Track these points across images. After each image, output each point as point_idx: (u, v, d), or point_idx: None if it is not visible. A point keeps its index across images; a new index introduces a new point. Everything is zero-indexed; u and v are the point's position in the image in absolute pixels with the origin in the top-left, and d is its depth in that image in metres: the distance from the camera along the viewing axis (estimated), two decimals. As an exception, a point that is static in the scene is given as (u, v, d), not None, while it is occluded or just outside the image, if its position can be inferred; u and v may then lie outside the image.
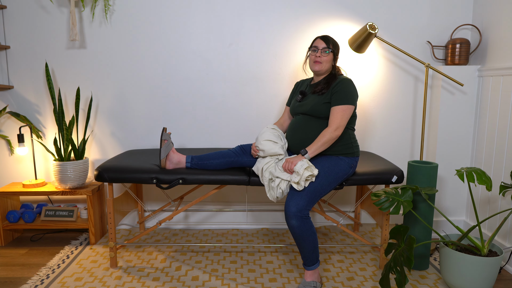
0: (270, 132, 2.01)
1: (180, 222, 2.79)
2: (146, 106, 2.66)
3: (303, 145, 1.96)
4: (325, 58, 1.97)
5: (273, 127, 2.06)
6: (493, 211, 2.34)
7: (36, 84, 2.62)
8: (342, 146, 1.94)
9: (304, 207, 1.78)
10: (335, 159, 1.92)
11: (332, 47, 1.97)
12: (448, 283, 1.93)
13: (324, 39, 1.98)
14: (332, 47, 1.97)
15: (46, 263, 2.24)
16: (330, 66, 2.00)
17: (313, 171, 1.79)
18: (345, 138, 1.95)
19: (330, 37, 1.99)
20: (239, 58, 2.61)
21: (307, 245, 1.82)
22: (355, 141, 1.99)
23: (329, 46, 1.97)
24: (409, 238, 1.70)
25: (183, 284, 2.00)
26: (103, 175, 2.02)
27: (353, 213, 2.83)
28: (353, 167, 1.97)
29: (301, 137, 1.96)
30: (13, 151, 2.69)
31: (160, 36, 2.58)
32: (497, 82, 2.30)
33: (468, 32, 2.60)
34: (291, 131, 2.04)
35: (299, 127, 1.99)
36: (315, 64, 1.98)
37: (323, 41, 1.97)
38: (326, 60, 1.97)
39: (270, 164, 1.95)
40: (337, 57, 2.02)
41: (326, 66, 1.99)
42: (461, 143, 2.57)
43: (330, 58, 1.98)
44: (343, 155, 1.95)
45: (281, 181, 1.86)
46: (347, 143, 1.95)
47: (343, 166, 1.92)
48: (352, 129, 2.00)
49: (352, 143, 1.97)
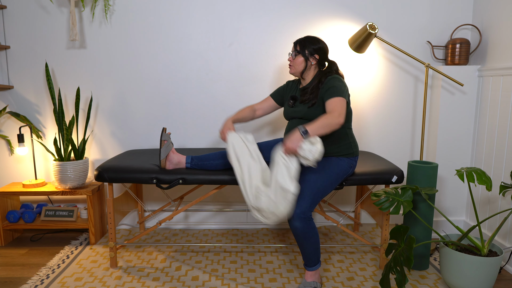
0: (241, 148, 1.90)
1: (180, 222, 2.79)
2: (146, 106, 2.66)
3: None
4: (295, 61, 1.97)
5: (237, 138, 1.94)
6: (493, 211, 2.34)
7: (36, 84, 2.62)
8: (342, 147, 1.94)
9: (307, 209, 1.77)
10: (336, 160, 1.93)
11: (299, 48, 1.95)
12: (448, 283, 1.93)
13: (294, 43, 2.00)
14: (300, 49, 1.95)
15: (46, 263, 2.24)
16: (303, 67, 1.96)
17: (318, 147, 1.69)
18: (344, 138, 1.95)
19: (301, 39, 1.98)
20: (239, 58, 2.61)
21: (309, 246, 1.82)
22: (353, 141, 1.99)
23: (296, 48, 1.97)
24: (409, 238, 1.70)
25: (183, 284, 2.00)
26: (103, 175, 2.02)
27: (353, 213, 2.83)
28: (352, 167, 1.98)
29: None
30: (13, 151, 2.69)
31: (160, 36, 2.58)
32: (497, 82, 2.30)
33: (468, 32, 2.60)
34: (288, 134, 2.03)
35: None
36: (289, 68, 2.01)
37: (293, 45, 2.00)
38: (296, 63, 1.97)
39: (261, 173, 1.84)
40: (316, 56, 1.95)
41: (299, 68, 1.97)
42: (461, 143, 2.57)
43: (300, 60, 1.96)
44: (343, 155, 1.94)
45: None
46: (346, 143, 1.95)
47: (343, 166, 1.93)
48: (349, 128, 1.99)
49: (351, 143, 1.97)
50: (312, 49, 1.95)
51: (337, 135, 1.93)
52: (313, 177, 1.84)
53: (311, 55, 1.95)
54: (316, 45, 1.96)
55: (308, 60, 1.95)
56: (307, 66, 1.97)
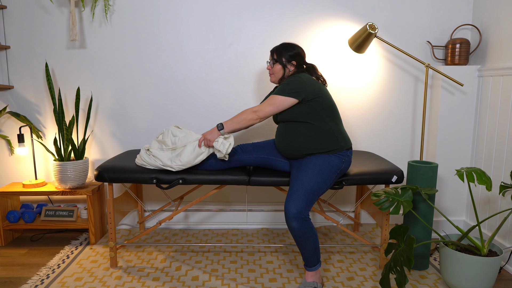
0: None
1: (180, 222, 2.79)
2: (146, 106, 2.66)
3: (289, 150, 1.95)
4: (274, 69, 2.01)
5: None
6: (493, 211, 2.34)
7: (36, 84, 2.62)
8: (328, 143, 1.89)
9: (304, 208, 1.77)
10: (325, 156, 1.89)
11: (276, 56, 1.99)
12: (448, 283, 1.93)
13: (270, 51, 2.03)
14: (277, 57, 1.99)
15: (46, 263, 2.24)
16: (282, 74, 2.00)
17: (230, 141, 1.92)
18: (327, 132, 1.89)
19: (276, 47, 2.01)
20: (239, 58, 2.61)
21: (308, 247, 1.82)
22: (340, 134, 1.93)
23: (273, 57, 2.00)
24: (409, 238, 1.70)
25: (183, 284, 2.00)
26: (103, 175, 2.02)
27: (353, 213, 2.83)
28: (345, 161, 1.93)
29: (286, 142, 1.95)
30: (13, 151, 2.69)
31: (160, 36, 2.58)
32: (497, 82, 2.30)
33: (468, 32, 2.60)
34: (277, 139, 2.03)
35: (282, 134, 1.99)
36: (270, 76, 2.07)
37: (270, 54, 2.04)
38: (275, 71, 2.01)
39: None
40: (293, 62, 1.98)
41: (278, 76, 2.02)
42: (461, 143, 2.57)
43: (278, 68, 1.99)
44: (331, 151, 1.90)
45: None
46: (331, 138, 1.90)
47: (334, 161, 1.89)
48: (333, 122, 1.92)
49: (337, 137, 1.91)
50: (288, 55, 1.98)
51: (319, 132, 1.89)
52: (305, 176, 1.84)
53: (288, 62, 1.99)
54: (292, 51, 1.99)
55: (286, 67, 1.99)
56: (285, 73, 2.01)
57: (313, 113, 1.88)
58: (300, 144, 1.90)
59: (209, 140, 1.92)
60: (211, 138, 1.92)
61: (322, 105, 1.89)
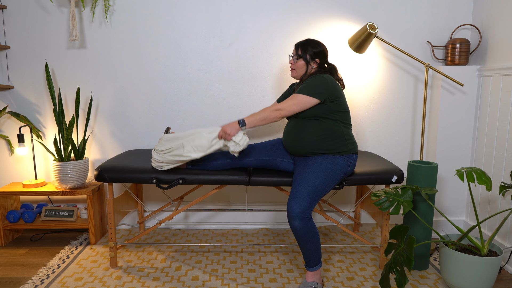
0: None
1: (180, 222, 2.79)
2: (146, 106, 2.66)
3: (298, 147, 1.95)
4: (296, 65, 1.99)
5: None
6: (493, 211, 2.34)
7: (36, 84, 2.62)
8: (335, 144, 1.91)
9: (307, 208, 1.78)
10: (332, 158, 1.90)
11: (300, 52, 1.97)
12: (448, 283, 1.93)
13: (295, 46, 2.01)
14: (301, 52, 1.97)
15: (46, 263, 2.24)
16: (304, 71, 1.99)
17: (247, 140, 1.88)
18: (338, 134, 1.91)
19: (301, 42, 1.99)
20: (239, 58, 2.61)
21: (309, 246, 1.82)
22: (350, 138, 1.95)
23: (298, 52, 1.98)
24: (409, 238, 1.70)
25: (183, 284, 2.00)
26: (103, 175, 2.02)
27: (353, 213, 2.83)
28: (351, 165, 1.95)
29: (295, 139, 1.95)
30: (13, 151, 2.69)
31: (160, 36, 2.58)
32: (497, 82, 2.30)
33: (468, 32, 2.60)
34: (285, 135, 2.03)
35: (291, 130, 1.98)
36: (290, 71, 2.04)
37: (294, 48, 2.01)
38: (297, 66, 1.99)
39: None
40: (316, 60, 1.97)
41: (300, 72, 2.00)
42: (461, 143, 2.57)
43: (301, 64, 1.98)
44: (338, 153, 1.91)
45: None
46: (341, 140, 1.91)
47: (340, 164, 1.91)
48: (345, 125, 1.95)
49: (346, 140, 1.93)
50: (313, 52, 1.96)
51: (330, 132, 1.90)
52: (311, 175, 1.84)
53: (312, 59, 1.97)
54: (317, 48, 1.97)
55: (309, 64, 1.98)
56: (307, 70, 1.99)
57: (328, 114, 1.89)
58: (310, 142, 1.91)
59: (228, 134, 1.86)
60: (231, 132, 1.86)
61: (338, 108, 1.91)
